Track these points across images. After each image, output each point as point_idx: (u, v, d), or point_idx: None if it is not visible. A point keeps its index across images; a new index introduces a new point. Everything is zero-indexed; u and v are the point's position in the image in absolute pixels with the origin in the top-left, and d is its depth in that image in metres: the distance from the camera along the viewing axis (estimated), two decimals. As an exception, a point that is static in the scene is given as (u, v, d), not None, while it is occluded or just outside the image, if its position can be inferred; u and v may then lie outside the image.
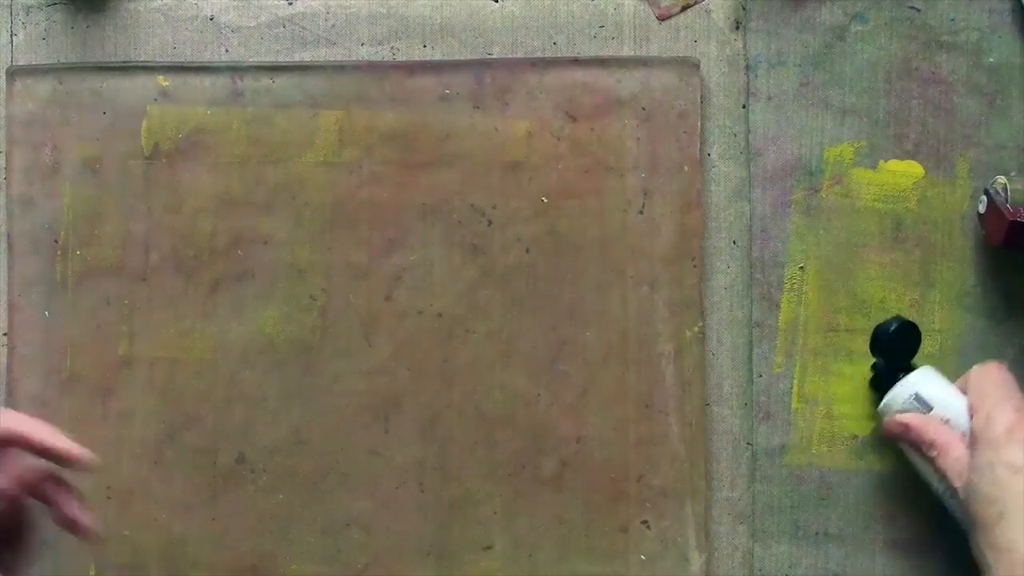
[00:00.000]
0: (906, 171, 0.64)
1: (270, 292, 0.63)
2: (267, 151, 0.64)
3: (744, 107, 0.64)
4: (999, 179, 0.61)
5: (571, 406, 0.63)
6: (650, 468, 0.63)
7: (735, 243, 0.64)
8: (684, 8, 0.64)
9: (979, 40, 0.64)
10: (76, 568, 0.63)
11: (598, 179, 0.63)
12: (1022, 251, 0.60)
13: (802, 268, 0.64)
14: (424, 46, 0.65)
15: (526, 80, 0.63)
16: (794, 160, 0.64)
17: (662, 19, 0.64)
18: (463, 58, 0.64)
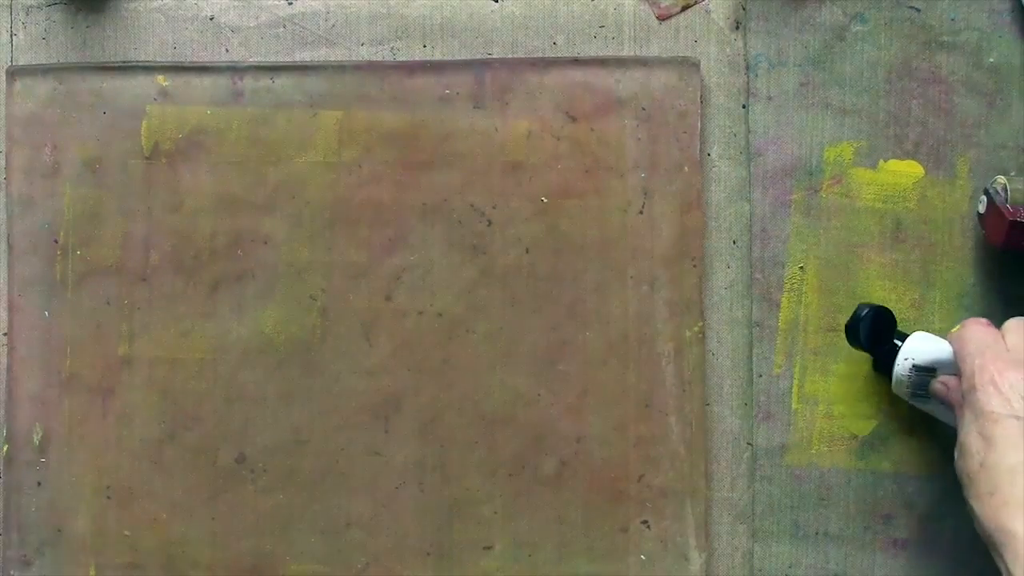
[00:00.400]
0: (906, 171, 0.64)
1: (270, 292, 0.63)
2: (267, 151, 0.64)
3: (744, 107, 0.64)
4: (999, 179, 0.61)
5: (571, 406, 0.63)
6: (650, 468, 0.63)
7: (735, 243, 0.64)
8: (684, 8, 0.64)
9: (979, 40, 0.64)
10: (76, 568, 0.63)
11: (598, 179, 0.63)
12: (1022, 251, 0.60)
13: (802, 268, 0.64)
14: (424, 46, 0.65)
15: (526, 80, 0.63)
16: (794, 160, 0.64)
17: (662, 19, 0.64)
18: (463, 58, 0.64)
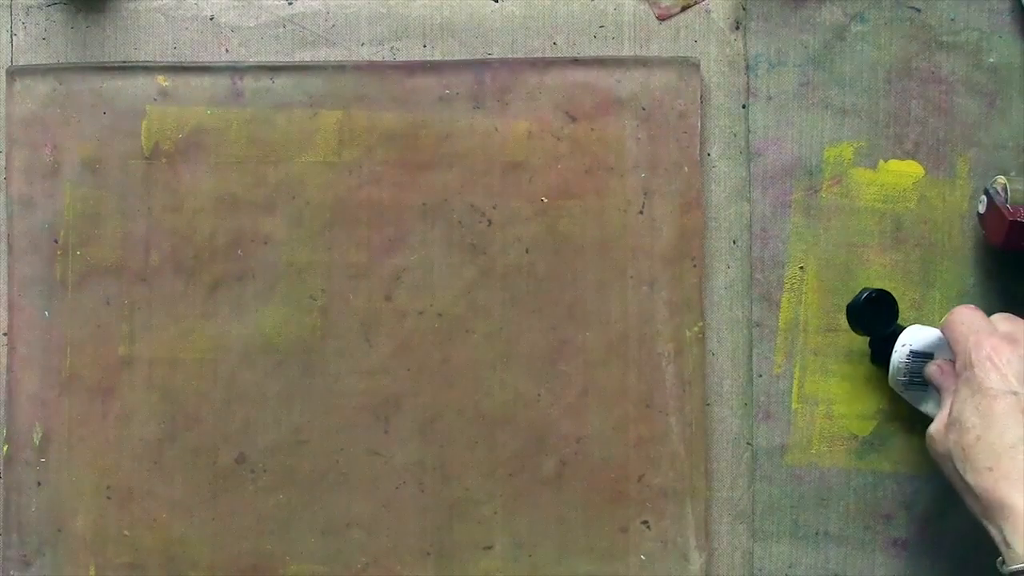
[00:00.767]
0: (906, 171, 0.64)
1: (270, 292, 0.63)
2: (267, 151, 0.64)
3: (744, 107, 0.64)
4: (999, 179, 0.61)
5: (571, 406, 0.63)
6: (650, 468, 0.63)
7: (735, 243, 0.64)
8: (684, 8, 0.64)
9: (979, 40, 0.64)
10: (76, 568, 0.63)
11: (598, 179, 0.63)
12: (1022, 251, 0.60)
13: (802, 268, 0.64)
14: (424, 46, 0.64)
15: (526, 80, 0.63)
16: (794, 160, 0.64)
17: (662, 19, 0.64)
18: (463, 58, 0.64)
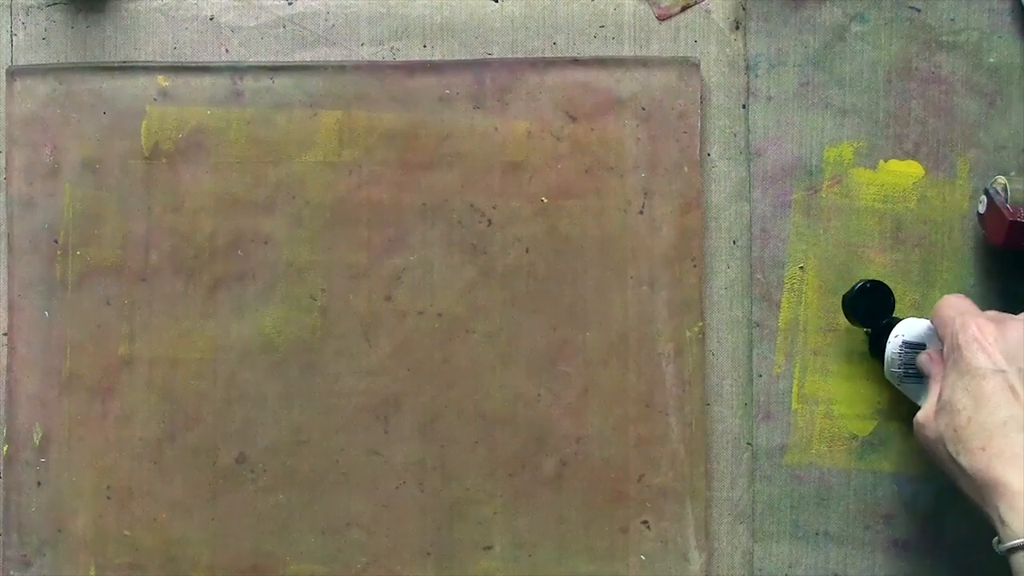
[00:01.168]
0: (906, 171, 0.64)
1: (270, 292, 0.63)
2: (267, 151, 0.64)
3: (744, 107, 0.64)
4: (999, 179, 0.61)
5: (571, 406, 0.63)
6: (650, 468, 0.63)
7: (735, 243, 0.64)
8: (684, 8, 0.64)
9: (979, 40, 0.64)
10: (76, 568, 0.63)
11: (598, 179, 0.63)
12: (1022, 251, 0.60)
13: (802, 268, 0.64)
14: (424, 46, 0.64)
15: (526, 80, 0.63)
16: (794, 160, 0.64)
17: (662, 19, 0.64)
18: (463, 58, 0.64)
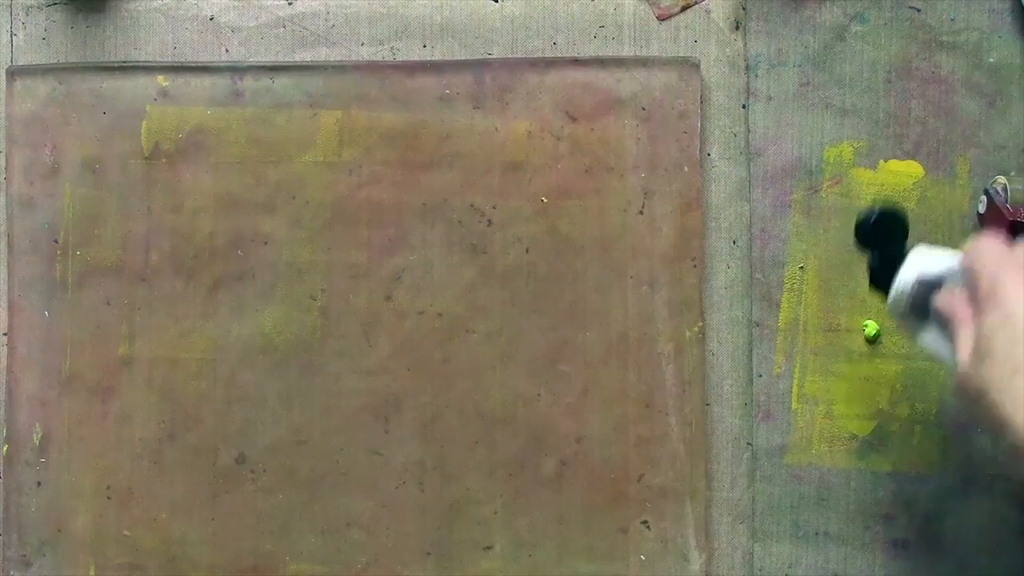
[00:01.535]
0: (906, 171, 0.64)
1: (270, 292, 0.63)
2: (267, 151, 0.64)
3: (744, 107, 0.64)
4: (999, 179, 0.61)
5: (571, 406, 0.63)
6: (650, 468, 0.63)
7: (735, 243, 0.64)
8: (684, 8, 0.64)
9: (979, 40, 0.64)
10: (76, 568, 0.63)
11: (598, 179, 0.63)
12: None
13: (802, 268, 0.64)
14: (424, 46, 0.65)
15: (526, 80, 0.63)
16: (794, 160, 0.64)
17: (662, 19, 0.64)
18: (463, 58, 0.64)
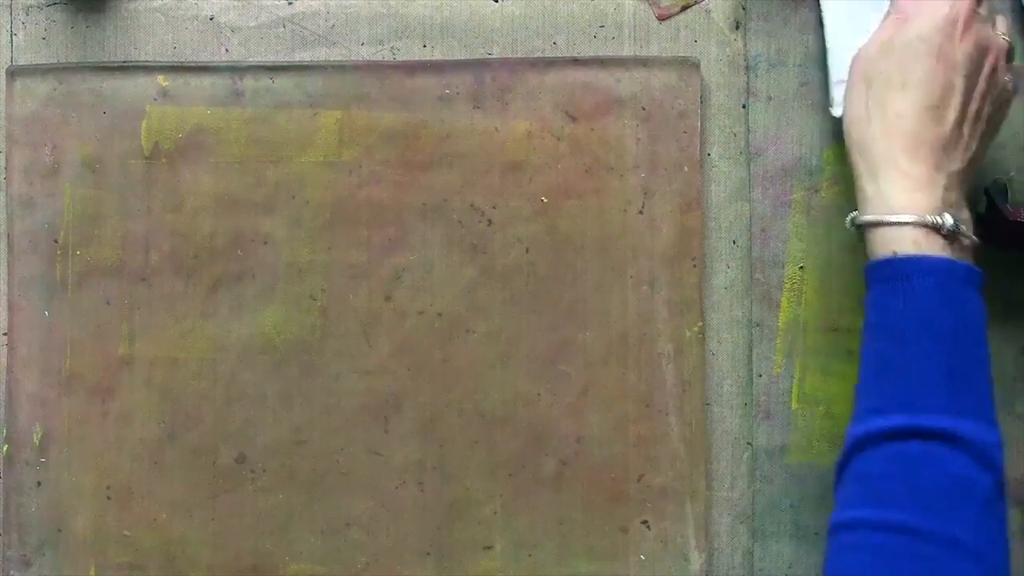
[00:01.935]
0: (906, 171, 0.64)
1: (270, 292, 0.63)
2: (267, 151, 0.64)
3: (744, 107, 0.64)
4: (999, 179, 0.61)
5: (571, 406, 0.63)
6: (650, 468, 0.63)
7: (735, 243, 0.64)
8: (684, 8, 0.64)
9: (979, 40, 0.64)
10: (76, 568, 0.63)
11: (598, 179, 0.63)
12: (1022, 251, 0.60)
13: (802, 268, 0.64)
14: (424, 46, 0.65)
15: (526, 80, 0.63)
16: (794, 160, 0.64)
17: (662, 19, 0.64)
18: (463, 58, 0.64)
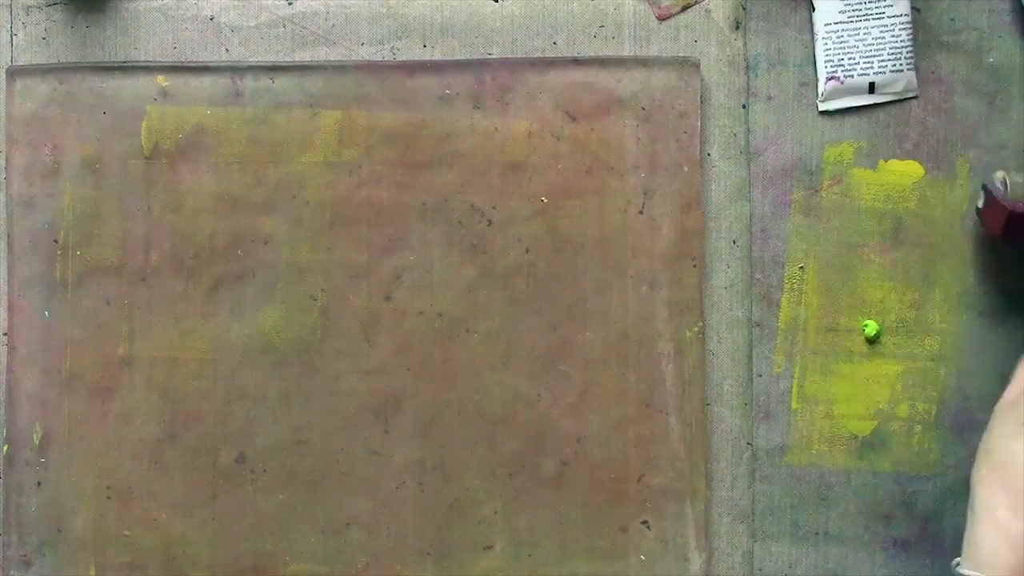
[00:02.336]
0: (906, 171, 0.64)
1: (270, 292, 0.63)
2: (267, 151, 0.64)
3: (744, 107, 0.64)
4: (998, 173, 0.61)
5: (571, 406, 0.63)
6: (650, 468, 0.63)
7: (735, 243, 0.64)
8: (684, 8, 0.64)
9: (979, 40, 0.64)
10: (76, 568, 0.63)
11: (598, 179, 0.63)
12: (1020, 242, 0.60)
13: (802, 268, 0.64)
14: (424, 46, 0.65)
15: (526, 80, 0.63)
16: (794, 160, 0.64)
17: (662, 19, 0.64)
18: (463, 58, 0.64)
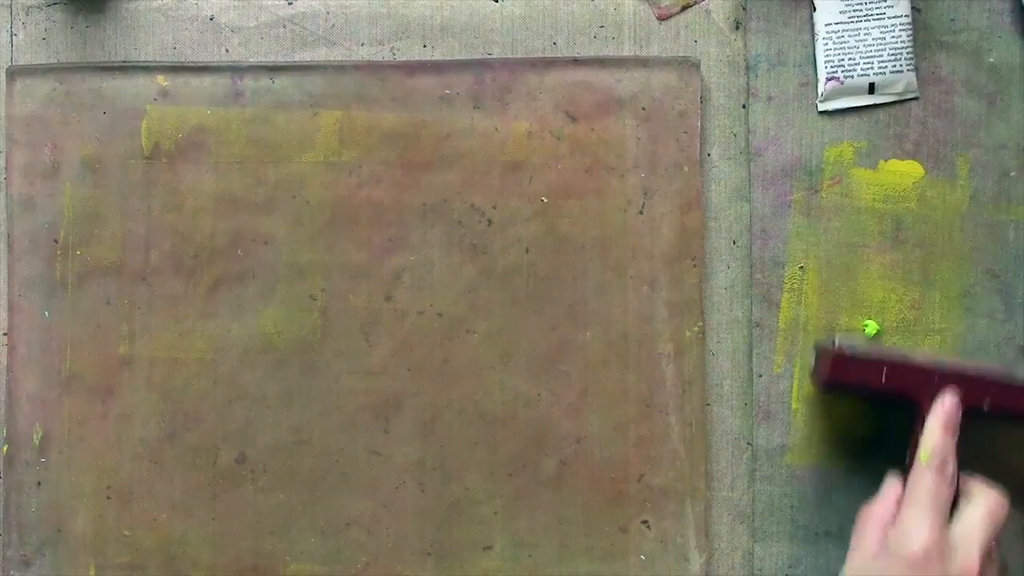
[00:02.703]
0: (906, 171, 0.64)
1: (270, 292, 0.63)
2: (267, 151, 0.64)
3: (744, 107, 0.64)
4: (836, 336, 0.63)
5: (571, 406, 0.63)
6: (650, 468, 0.63)
7: (735, 243, 0.64)
8: (684, 8, 0.64)
9: (979, 40, 0.64)
10: (76, 568, 0.63)
11: (598, 179, 0.63)
12: (846, 386, 0.59)
13: (802, 268, 0.64)
14: (424, 46, 0.65)
15: (526, 80, 0.63)
16: (794, 160, 0.64)
17: (662, 19, 0.64)
18: (463, 58, 0.64)
